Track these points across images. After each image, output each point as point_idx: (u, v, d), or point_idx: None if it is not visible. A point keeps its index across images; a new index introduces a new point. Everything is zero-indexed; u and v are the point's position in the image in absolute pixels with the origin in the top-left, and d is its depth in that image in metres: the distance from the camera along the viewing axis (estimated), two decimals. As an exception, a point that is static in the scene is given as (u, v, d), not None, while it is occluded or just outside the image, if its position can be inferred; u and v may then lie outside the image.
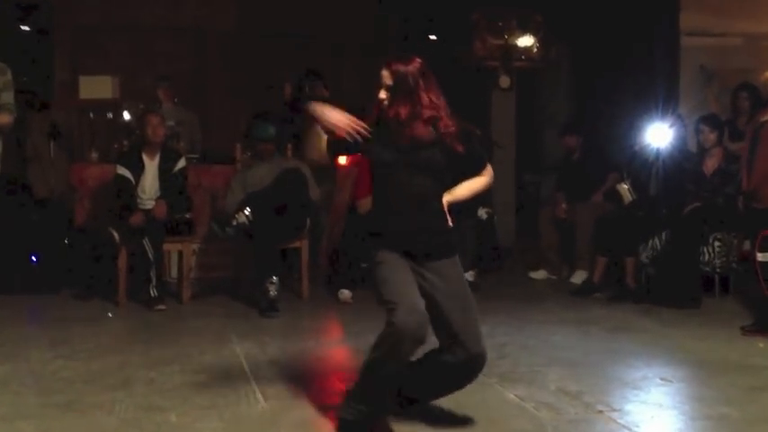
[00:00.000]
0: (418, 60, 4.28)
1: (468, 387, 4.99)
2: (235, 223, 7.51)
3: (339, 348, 6.59)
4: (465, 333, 4.21)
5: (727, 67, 9.33)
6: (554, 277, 9.12)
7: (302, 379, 5.32)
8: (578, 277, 8.70)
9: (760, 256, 6.38)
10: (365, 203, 8.09)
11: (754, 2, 9.39)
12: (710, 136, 7.95)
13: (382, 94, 4.23)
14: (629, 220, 8.14)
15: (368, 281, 7.34)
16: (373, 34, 11.23)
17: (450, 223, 4.36)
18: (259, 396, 4.96)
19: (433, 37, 11.34)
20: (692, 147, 8.38)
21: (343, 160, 8.15)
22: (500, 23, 10.78)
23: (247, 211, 7.50)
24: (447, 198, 4.35)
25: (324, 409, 4.72)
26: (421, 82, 4.21)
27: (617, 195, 8.36)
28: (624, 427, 4.46)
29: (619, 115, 9.88)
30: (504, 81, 10.83)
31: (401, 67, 4.22)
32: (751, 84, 8.45)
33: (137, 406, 4.76)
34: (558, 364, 5.72)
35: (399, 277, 4.15)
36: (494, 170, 4.58)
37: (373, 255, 4.27)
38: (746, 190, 6.98)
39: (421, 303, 4.07)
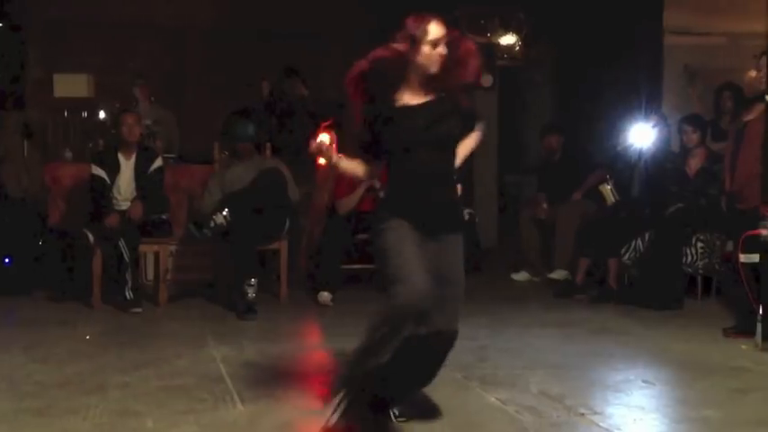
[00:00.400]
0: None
1: (449, 390, 4.99)
2: (212, 224, 7.49)
3: (318, 351, 6.52)
4: (440, 308, 4.09)
5: (710, 67, 9.31)
6: (536, 279, 9.07)
7: (280, 382, 5.27)
8: (558, 274, 8.64)
9: (743, 258, 6.33)
10: (345, 204, 8.05)
11: (737, 0, 9.37)
12: (693, 136, 7.91)
13: (442, 50, 4.10)
14: (611, 222, 8.10)
15: (347, 283, 7.29)
16: (354, 31, 11.13)
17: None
18: (237, 400, 4.90)
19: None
20: (676, 147, 8.34)
21: (322, 161, 8.08)
22: (482, 21, 10.74)
23: (225, 211, 7.46)
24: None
25: (303, 412, 4.68)
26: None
27: (600, 196, 8.31)
28: (606, 430, 4.42)
29: (601, 115, 9.84)
30: (486, 80, 10.78)
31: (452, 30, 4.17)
32: (734, 83, 8.41)
33: (111, 411, 4.68)
34: (540, 366, 5.67)
35: (407, 249, 4.03)
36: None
37: (381, 222, 4.13)
38: (730, 190, 6.93)
39: (427, 280, 3.97)
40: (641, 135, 8.18)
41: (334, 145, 4.54)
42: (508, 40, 10.89)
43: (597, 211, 8.38)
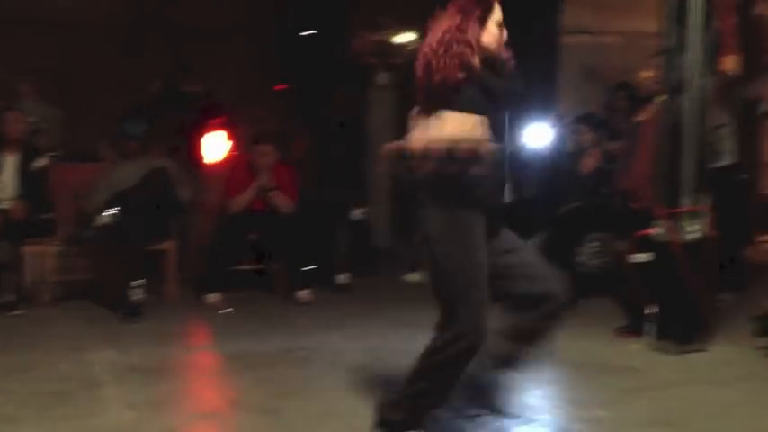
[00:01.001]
0: None
1: (339, 393, 4.90)
2: (98, 224, 7.37)
3: (207, 354, 6.42)
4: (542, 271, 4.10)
5: (606, 66, 9.37)
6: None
7: (167, 386, 5.19)
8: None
9: (635, 257, 6.36)
10: (237, 203, 7.93)
11: (636, 1, 9.47)
12: (588, 136, 7.95)
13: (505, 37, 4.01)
14: (506, 222, 8.06)
15: (237, 283, 7.13)
16: (254, 28, 10.98)
17: None
18: (122, 405, 4.80)
19: (309, 32, 11.15)
20: (570, 147, 8.36)
21: (213, 159, 7.99)
22: (378, 19, 10.68)
23: (112, 211, 7.35)
24: None
25: (190, 417, 4.63)
26: None
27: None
28: (497, 431, 4.41)
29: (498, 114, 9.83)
30: (383, 78, 10.73)
31: None
32: (629, 83, 8.46)
33: (-11, 418, 4.53)
34: (433, 367, 5.59)
35: (483, 272, 3.97)
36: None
37: (453, 212, 3.91)
38: (624, 190, 6.97)
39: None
40: (537, 135, 8.20)
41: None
42: (405, 38, 10.85)
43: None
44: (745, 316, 6.53)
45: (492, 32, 3.97)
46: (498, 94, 3.95)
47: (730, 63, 6.47)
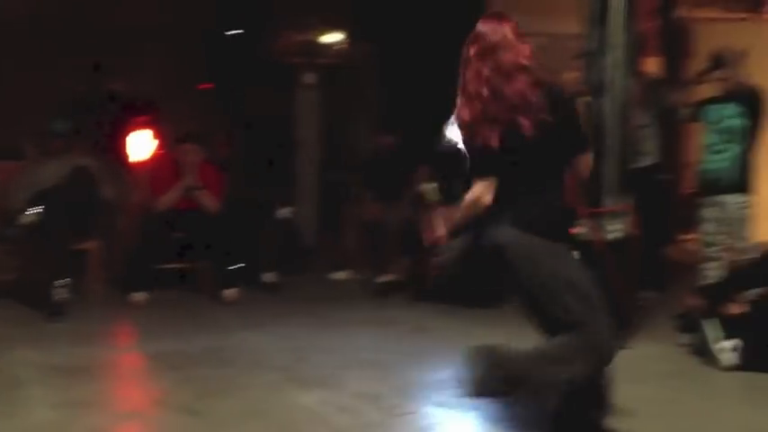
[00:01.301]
0: None
1: (264, 392, 4.95)
2: (21, 223, 7.25)
3: (131, 354, 6.34)
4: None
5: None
6: (357, 277, 9.02)
7: (91, 386, 5.13)
8: (385, 278, 8.62)
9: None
10: (163, 202, 7.86)
11: (558, 2, 9.56)
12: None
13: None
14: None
15: (163, 283, 7.05)
16: (176, 29, 10.88)
17: None
18: (45, 405, 4.74)
19: (235, 31, 11.09)
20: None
21: (138, 158, 7.92)
22: (305, 19, 10.67)
23: (34, 209, 7.24)
24: None
25: (114, 417, 4.60)
26: None
27: (421, 195, 8.31)
28: (423, 429, 4.45)
29: (428, 113, 9.86)
30: (309, 78, 10.72)
31: None
32: (552, 83, 8.53)
33: None
34: (358, 366, 5.64)
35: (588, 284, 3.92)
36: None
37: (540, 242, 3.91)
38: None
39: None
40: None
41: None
42: (332, 38, 10.86)
43: (418, 211, 8.38)
44: (667, 314, 6.64)
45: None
46: None
47: (651, 65, 6.57)
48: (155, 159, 8.55)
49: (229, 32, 10.93)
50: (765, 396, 5.21)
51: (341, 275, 9.07)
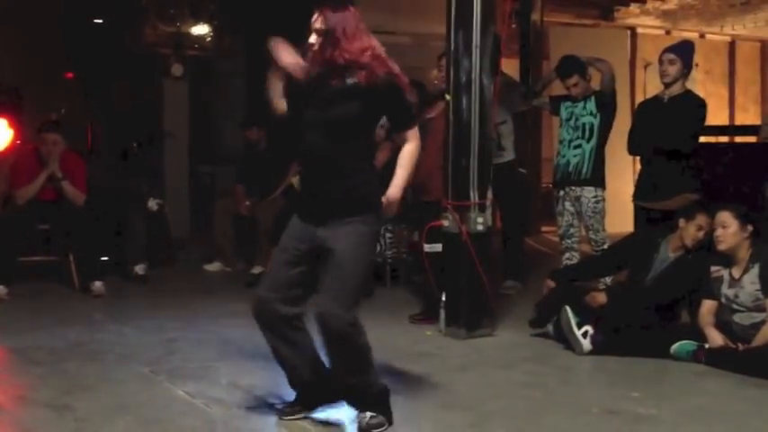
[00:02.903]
0: (351, 8, 4.40)
1: (136, 385, 4.94)
2: None
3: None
4: (321, 290, 4.25)
5: (400, 65, 9.55)
6: (228, 269, 9.00)
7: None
8: (257, 270, 8.64)
9: (427, 247, 6.58)
10: (24, 192, 7.69)
11: (423, 3, 9.71)
12: (380, 131, 8.10)
13: (312, 39, 4.36)
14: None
15: (27, 275, 6.91)
16: (38, 8, 10.51)
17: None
18: None
19: (100, 20, 10.88)
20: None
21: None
22: (172, 10, 10.56)
23: None
24: (390, 192, 4.59)
25: None
26: (348, 30, 4.36)
27: (293, 187, 8.37)
28: (299, 418, 4.50)
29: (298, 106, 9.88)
30: (177, 69, 10.61)
31: (331, 14, 4.34)
32: (420, 81, 8.69)
33: None
34: (231, 358, 5.66)
35: (277, 257, 4.40)
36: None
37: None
38: (414, 183, 7.17)
39: (272, 285, 4.37)
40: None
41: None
42: (199, 29, 10.78)
43: (287, 204, 8.43)
44: (527, 302, 6.87)
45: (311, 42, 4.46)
46: None
47: (509, 66, 6.80)
48: (14, 149, 8.30)
49: (95, 21, 10.72)
50: (615, 377, 5.48)
51: (213, 267, 9.02)
